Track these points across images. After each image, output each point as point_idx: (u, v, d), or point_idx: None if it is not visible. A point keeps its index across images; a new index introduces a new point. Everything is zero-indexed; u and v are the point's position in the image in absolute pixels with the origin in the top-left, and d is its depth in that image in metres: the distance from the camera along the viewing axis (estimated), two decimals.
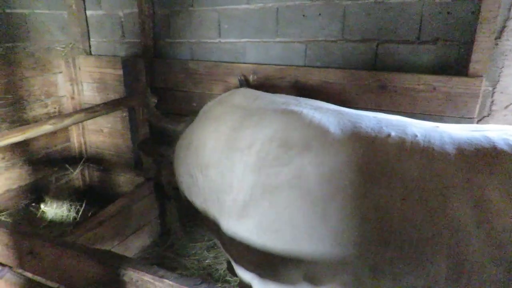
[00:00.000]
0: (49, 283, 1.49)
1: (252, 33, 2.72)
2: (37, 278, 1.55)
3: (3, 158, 3.00)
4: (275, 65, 2.64)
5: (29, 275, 1.59)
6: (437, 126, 1.46)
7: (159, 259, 3.01)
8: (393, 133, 1.36)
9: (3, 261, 1.60)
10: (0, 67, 2.87)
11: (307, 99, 1.72)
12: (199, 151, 1.84)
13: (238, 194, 1.57)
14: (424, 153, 1.30)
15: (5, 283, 1.59)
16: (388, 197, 1.27)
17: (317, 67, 2.54)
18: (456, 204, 1.19)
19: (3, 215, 2.97)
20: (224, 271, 2.81)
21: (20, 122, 3.07)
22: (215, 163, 1.75)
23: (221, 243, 1.82)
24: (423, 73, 2.21)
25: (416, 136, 1.36)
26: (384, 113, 1.71)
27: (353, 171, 1.32)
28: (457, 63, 2.18)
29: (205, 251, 3.09)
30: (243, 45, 2.78)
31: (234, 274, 1.99)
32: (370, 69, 2.41)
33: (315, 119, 1.49)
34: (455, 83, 2.10)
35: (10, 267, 1.54)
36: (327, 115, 1.51)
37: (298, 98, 1.73)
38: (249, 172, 1.54)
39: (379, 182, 1.28)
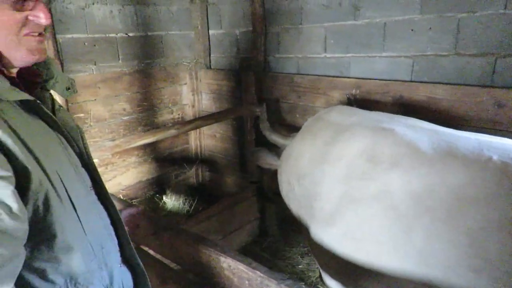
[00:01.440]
0: (165, 260, 1.80)
1: (357, 48, 2.77)
2: (157, 256, 1.89)
3: (137, 155, 3.62)
4: (379, 79, 2.64)
5: (152, 252, 1.94)
6: None
7: (255, 257, 3.24)
8: (495, 157, 1.29)
9: (134, 239, 1.98)
10: (141, 79, 3.48)
11: (403, 117, 1.73)
12: (297, 162, 2.00)
13: (326, 202, 1.68)
14: None
15: None
16: (484, 225, 1.22)
17: (424, 82, 2.46)
18: None
19: (134, 202, 3.57)
20: (316, 278, 2.89)
21: (152, 125, 3.66)
22: (309, 173, 1.89)
23: (310, 248, 1.94)
24: None
25: None
26: (502, 134, 1.62)
27: (445, 193, 1.30)
28: None
29: (299, 256, 3.22)
30: (348, 59, 2.84)
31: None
32: (486, 86, 2.24)
33: (406, 137, 1.50)
34: None
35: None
36: (420, 133, 1.51)
37: (394, 116, 1.75)
38: (337, 183, 1.63)
39: (475, 207, 1.24)
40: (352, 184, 1.57)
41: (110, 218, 1.06)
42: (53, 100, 1.04)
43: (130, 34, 3.33)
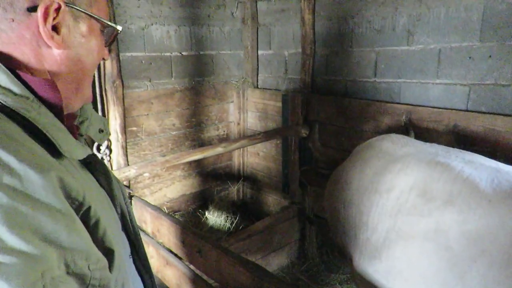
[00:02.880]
0: (209, 280, 1.83)
1: (409, 74, 2.71)
2: (201, 274, 1.92)
3: (183, 169, 3.73)
4: (431, 107, 2.56)
5: (193, 267, 1.98)
6: None
7: (294, 280, 3.20)
8: None
9: (179, 254, 2.04)
10: (191, 96, 3.62)
11: (461, 151, 1.65)
12: (344, 188, 1.97)
13: (372, 234, 1.63)
14: None
15: (177, 271, 2.02)
16: None
17: (482, 112, 2.35)
18: None
19: (176, 215, 3.67)
20: None
21: (198, 140, 3.77)
22: (356, 201, 1.85)
23: (352, 277, 1.89)
24: None
25: None
26: None
27: (504, 236, 1.22)
28: None
29: (338, 283, 3.13)
30: (399, 85, 2.78)
31: None
32: None
33: (463, 173, 1.43)
34: None
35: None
36: (479, 170, 1.43)
37: (451, 149, 1.68)
38: (385, 215, 1.58)
39: None
40: (401, 218, 1.52)
41: None
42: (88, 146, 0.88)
43: (184, 53, 3.48)
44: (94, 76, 2.14)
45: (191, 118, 3.69)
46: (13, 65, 0.60)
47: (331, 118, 3.17)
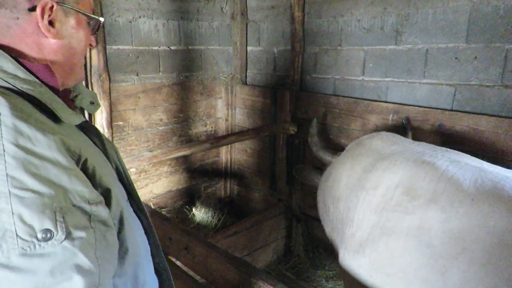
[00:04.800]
0: (196, 276, 1.82)
1: (397, 73, 2.74)
2: (187, 270, 1.91)
3: (170, 165, 3.70)
4: (418, 106, 2.60)
5: (179, 264, 1.97)
6: None
7: (280, 276, 3.21)
8: None
9: (166, 251, 2.02)
10: (179, 91, 3.58)
11: (448, 150, 1.68)
12: (334, 184, 1.98)
13: (357, 230, 1.66)
14: None
15: None
16: None
17: (466, 112, 2.40)
18: None
19: (163, 211, 3.64)
20: None
21: (186, 136, 3.74)
22: (344, 197, 1.87)
23: (340, 272, 1.91)
24: None
25: None
26: None
27: (486, 236, 1.25)
28: None
29: (324, 279, 3.16)
30: (387, 84, 2.81)
31: None
32: None
33: (447, 172, 1.46)
34: None
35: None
36: (463, 170, 1.46)
37: (438, 148, 1.70)
38: (371, 212, 1.61)
39: None
40: (386, 215, 1.54)
41: (142, 228, 1.07)
42: (84, 115, 1.03)
43: (172, 48, 3.44)
44: None
45: (179, 114, 3.65)
46: (18, 55, 0.78)
47: (320, 115, 3.18)
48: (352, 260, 1.68)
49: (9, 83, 0.72)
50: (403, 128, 2.54)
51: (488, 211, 1.33)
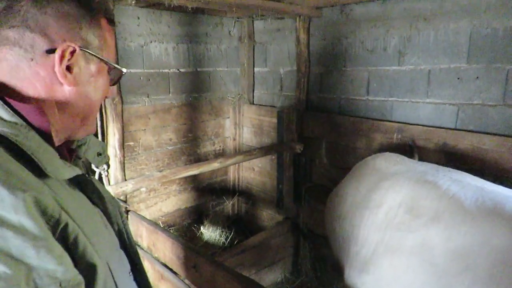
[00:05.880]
0: None
1: (400, 93, 2.79)
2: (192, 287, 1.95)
3: (179, 183, 3.76)
4: (422, 125, 2.64)
5: (187, 282, 2.00)
6: None
7: None
8: None
9: (174, 269, 2.06)
10: (188, 112, 3.68)
11: (450, 170, 1.72)
12: (340, 203, 2.03)
13: (362, 248, 1.69)
14: None
15: (172, 286, 2.04)
16: None
17: (470, 131, 2.43)
18: None
19: (172, 229, 3.69)
20: None
21: (194, 155, 3.82)
22: (350, 216, 1.91)
23: None
24: None
25: None
26: None
27: (488, 254, 1.28)
28: None
29: None
30: (391, 103, 2.87)
31: None
32: None
33: (449, 191, 1.50)
34: None
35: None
36: (465, 189, 1.50)
37: (440, 168, 1.74)
38: (375, 230, 1.64)
39: None
40: (389, 233, 1.58)
41: None
42: (87, 168, 0.94)
43: (182, 70, 3.56)
44: None
45: (188, 133, 3.74)
46: (12, 94, 0.66)
47: (325, 134, 3.23)
48: (357, 278, 1.71)
49: None
50: (409, 148, 2.58)
51: (489, 229, 1.35)
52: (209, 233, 3.67)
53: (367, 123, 2.93)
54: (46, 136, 0.68)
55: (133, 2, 2.20)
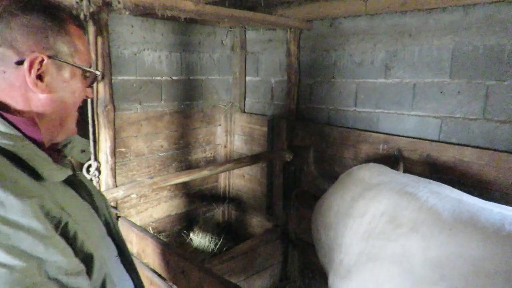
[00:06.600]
0: None
1: (387, 105, 2.88)
2: None
3: (169, 190, 3.79)
4: (406, 137, 2.73)
5: None
6: None
7: None
8: None
9: (163, 275, 2.10)
10: (180, 119, 3.73)
11: (430, 181, 1.80)
12: (326, 212, 2.09)
13: (345, 256, 1.75)
14: None
15: None
16: None
17: (452, 143, 2.52)
18: None
19: (161, 235, 3.71)
20: None
21: (185, 162, 3.86)
22: (334, 225, 1.97)
23: None
24: None
25: None
26: None
27: (462, 264, 1.35)
28: None
29: None
30: (377, 115, 2.95)
31: None
32: None
33: (428, 203, 1.57)
34: None
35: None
36: (443, 201, 1.57)
37: (421, 180, 1.82)
38: (357, 239, 1.71)
39: (493, 282, 1.28)
40: (371, 242, 1.64)
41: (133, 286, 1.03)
42: (72, 166, 0.98)
43: (174, 78, 3.61)
44: (86, 100, 2.24)
45: (179, 140, 3.78)
46: (2, 108, 0.73)
47: (314, 144, 3.31)
48: (340, 285, 1.77)
49: None
50: (394, 159, 2.66)
51: (465, 240, 1.43)
52: (199, 239, 3.71)
53: (354, 134, 3.02)
54: (38, 143, 0.75)
55: (127, 13, 2.25)
